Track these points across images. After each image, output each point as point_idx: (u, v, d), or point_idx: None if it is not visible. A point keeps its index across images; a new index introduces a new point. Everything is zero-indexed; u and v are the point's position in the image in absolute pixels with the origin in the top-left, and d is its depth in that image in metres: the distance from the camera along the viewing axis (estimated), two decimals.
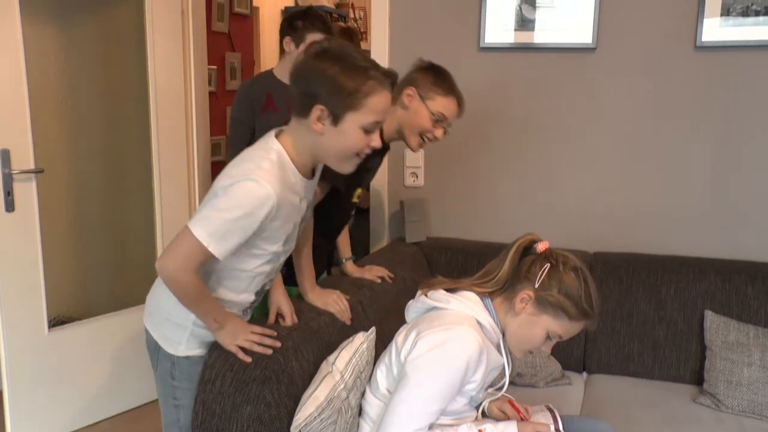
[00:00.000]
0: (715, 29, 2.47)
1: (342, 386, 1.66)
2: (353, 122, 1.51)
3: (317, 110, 1.49)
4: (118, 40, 2.87)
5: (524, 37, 2.68)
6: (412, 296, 1.76)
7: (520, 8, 2.66)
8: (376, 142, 1.57)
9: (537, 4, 2.64)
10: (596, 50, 2.62)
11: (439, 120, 2.12)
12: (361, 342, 1.77)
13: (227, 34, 4.33)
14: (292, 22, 2.62)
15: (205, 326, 1.66)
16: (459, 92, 2.15)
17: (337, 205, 2.17)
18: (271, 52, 5.41)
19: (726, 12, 2.45)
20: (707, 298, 2.39)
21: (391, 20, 2.85)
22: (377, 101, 1.52)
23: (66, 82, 2.70)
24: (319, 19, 2.63)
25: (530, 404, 1.78)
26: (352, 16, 6.12)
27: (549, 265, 1.59)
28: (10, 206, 2.48)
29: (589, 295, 1.57)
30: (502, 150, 2.78)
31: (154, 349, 1.74)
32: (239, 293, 1.70)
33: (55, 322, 2.71)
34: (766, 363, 2.20)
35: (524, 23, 2.67)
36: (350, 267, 2.32)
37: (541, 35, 2.66)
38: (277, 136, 1.60)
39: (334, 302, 1.96)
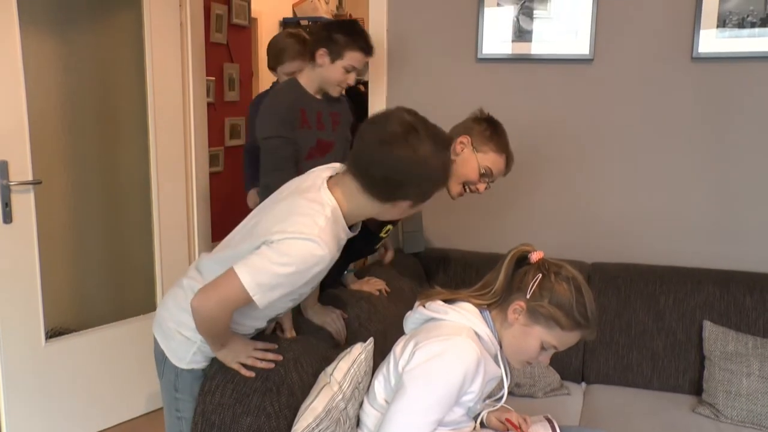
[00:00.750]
0: (712, 40, 2.48)
1: (340, 397, 1.66)
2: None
3: (404, 204, 1.58)
4: (116, 52, 2.87)
5: (522, 48, 2.69)
6: (411, 307, 1.76)
7: (518, 19, 2.68)
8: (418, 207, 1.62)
9: (534, 16, 2.65)
10: (593, 61, 2.64)
11: (485, 174, 2.12)
12: (359, 352, 1.77)
13: (226, 45, 4.35)
14: (333, 35, 2.34)
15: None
16: (511, 152, 2.16)
17: (365, 240, 2.16)
18: None
19: (722, 24, 2.46)
20: (706, 309, 2.39)
21: (389, 31, 2.86)
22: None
23: (64, 94, 2.70)
24: (362, 37, 2.36)
25: (529, 415, 1.78)
26: None
27: (541, 275, 1.59)
28: (7, 217, 2.48)
29: (582, 305, 1.56)
30: None
31: (161, 358, 1.75)
32: (255, 321, 1.73)
33: (52, 333, 2.71)
34: (765, 373, 2.20)
35: (522, 34, 2.68)
36: (350, 279, 2.31)
37: (538, 46, 2.67)
38: (327, 184, 1.59)
39: (333, 321, 1.96)
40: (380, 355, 1.82)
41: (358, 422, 1.73)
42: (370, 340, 1.85)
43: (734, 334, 2.31)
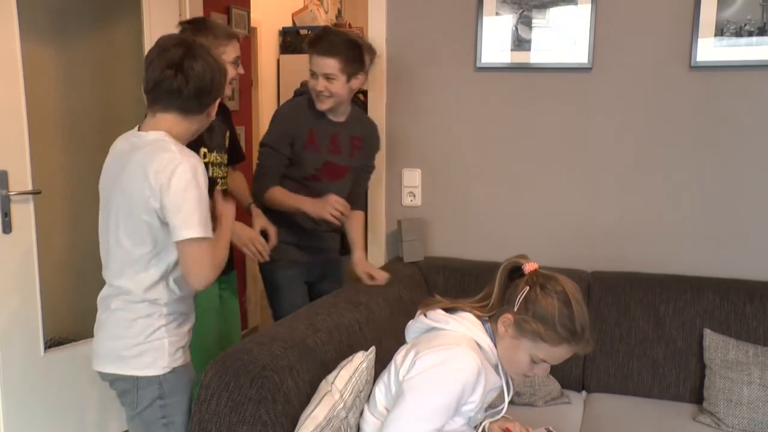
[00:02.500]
0: (710, 49, 2.49)
1: (341, 405, 1.66)
2: None
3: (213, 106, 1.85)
4: (116, 61, 2.88)
5: (520, 57, 2.70)
6: (410, 316, 1.76)
7: (516, 28, 2.68)
8: None
9: (533, 25, 2.66)
10: (592, 70, 2.64)
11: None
12: (361, 361, 1.77)
13: None
14: None
15: (176, 333, 1.77)
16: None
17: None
18: (268, 72, 5.44)
19: (720, 32, 2.47)
20: (706, 317, 2.39)
21: (388, 41, 2.87)
22: None
23: (64, 103, 2.71)
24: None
25: (530, 424, 1.77)
26: None
27: (528, 288, 1.58)
28: (7, 227, 2.47)
29: (568, 319, 1.54)
30: (500, 169, 2.79)
31: (131, 387, 1.77)
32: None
33: (51, 343, 2.69)
34: (766, 381, 2.19)
35: (520, 43, 2.69)
36: (254, 211, 2.44)
37: (537, 55, 2.67)
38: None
39: (250, 242, 2.20)
40: (379, 363, 1.82)
41: (357, 430, 1.73)
42: (372, 348, 1.84)
43: (734, 343, 2.30)
